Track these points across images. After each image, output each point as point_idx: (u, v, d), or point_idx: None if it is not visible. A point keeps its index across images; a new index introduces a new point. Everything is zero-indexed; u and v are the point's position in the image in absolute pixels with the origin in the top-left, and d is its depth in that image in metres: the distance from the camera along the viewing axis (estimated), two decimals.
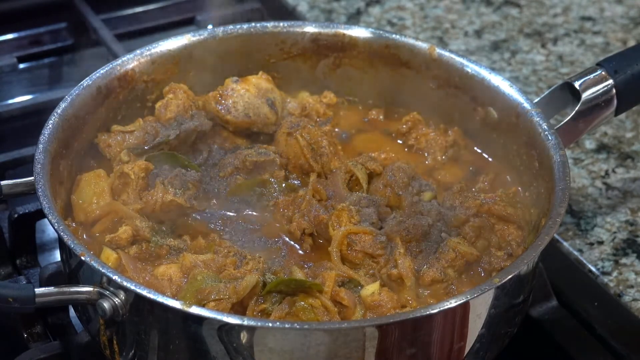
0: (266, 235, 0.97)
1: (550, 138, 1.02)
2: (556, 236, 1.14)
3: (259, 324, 0.87)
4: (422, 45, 1.12)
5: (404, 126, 1.09)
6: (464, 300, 0.89)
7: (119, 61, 1.09)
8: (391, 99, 1.11)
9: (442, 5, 1.47)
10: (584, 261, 1.12)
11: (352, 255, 0.95)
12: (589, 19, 1.46)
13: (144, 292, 0.88)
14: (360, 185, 1.02)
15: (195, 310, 0.86)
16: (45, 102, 1.21)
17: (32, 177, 0.97)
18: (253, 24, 1.14)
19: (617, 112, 1.09)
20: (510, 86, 1.08)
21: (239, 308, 0.91)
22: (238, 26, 1.14)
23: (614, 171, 1.21)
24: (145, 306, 0.90)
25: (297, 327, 0.87)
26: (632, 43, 1.41)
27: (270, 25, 1.14)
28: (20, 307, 0.90)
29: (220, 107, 1.07)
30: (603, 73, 1.08)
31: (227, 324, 0.87)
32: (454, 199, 1.00)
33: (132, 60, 1.10)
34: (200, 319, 0.87)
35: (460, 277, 0.96)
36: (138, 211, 0.98)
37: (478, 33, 1.42)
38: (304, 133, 1.05)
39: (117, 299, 0.90)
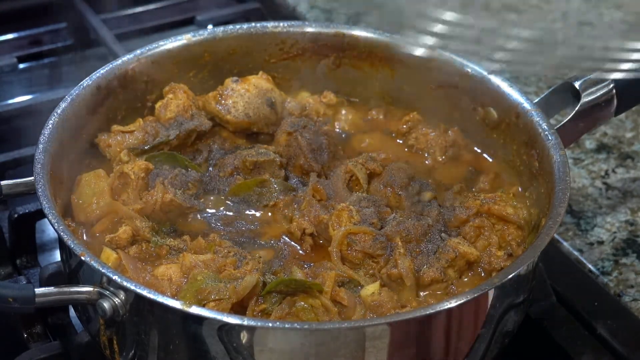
0: (266, 235, 0.97)
1: (550, 138, 1.02)
2: (556, 236, 1.13)
3: (259, 324, 0.87)
4: None
5: (404, 126, 1.09)
6: (464, 300, 0.89)
7: (119, 61, 1.09)
8: (391, 99, 1.11)
9: None
10: (584, 261, 1.12)
11: (352, 255, 0.95)
12: (588, 23, 1.46)
13: (144, 292, 0.88)
14: (360, 185, 1.02)
15: (195, 310, 0.86)
16: (45, 102, 1.21)
17: (32, 177, 0.97)
18: (253, 24, 1.14)
19: (617, 112, 1.09)
20: (510, 86, 1.08)
21: (239, 308, 0.91)
22: (238, 26, 1.14)
23: (614, 171, 1.21)
24: (145, 306, 0.90)
25: (297, 327, 0.87)
26: None
27: (270, 25, 1.14)
28: (20, 307, 0.90)
29: (220, 107, 1.07)
30: None
31: (227, 324, 0.87)
32: (454, 199, 1.00)
33: (132, 60, 1.10)
34: (200, 319, 0.87)
35: (461, 277, 0.96)
36: (138, 211, 0.98)
37: None
38: (304, 133, 1.04)
39: (117, 299, 0.90)
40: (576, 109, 1.07)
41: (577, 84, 1.07)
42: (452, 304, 0.88)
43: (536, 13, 1.47)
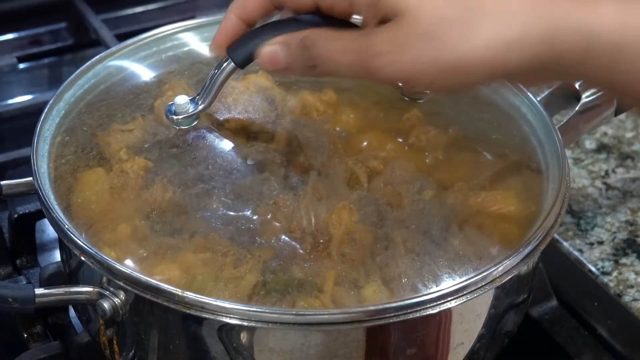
0: (266, 234, 0.96)
1: (551, 137, 1.02)
2: (556, 236, 1.14)
3: (259, 324, 0.87)
4: None
5: (405, 124, 1.08)
6: (464, 300, 0.89)
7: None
8: (392, 97, 1.10)
9: None
10: (584, 261, 1.12)
11: (353, 254, 0.95)
12: None
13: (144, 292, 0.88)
14: (360, 183, 1.01)
15: (195, 310, 0.86)
16: (45, 102, 1.21)
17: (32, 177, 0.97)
18: None
19: (617, 112, 1.10)
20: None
21: None
22: None
23: (614, 171, 1.21)
24: (145, 306, 0.90)
25: (298, 327, 0.87)
26: None
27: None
28: (20, 307, 0.90)
29: (219, 105, 1.07)
30: None
31: (227, 324, 0.87)
32: (455, 198, 1.00)
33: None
34: (200, 319, 0.87)
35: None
36: (137, 210, 0.98)
37: None
38: (304, 131, 1.04)
39: (117, 299, 0.90)
40: (576, 109, 1.07)
41: (577, 84, 1.08)
42: (452, 303, 0.88)
43: None
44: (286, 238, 0.99)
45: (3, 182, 1.00)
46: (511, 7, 0.81)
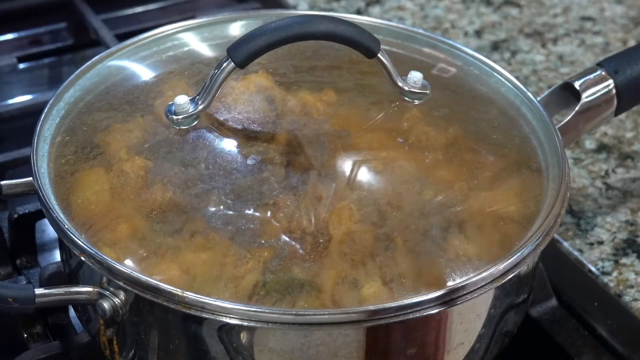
0: (266, 234, 0.96)
1: (551, 137, 1.02)
2: (556, 236, 1.14)
3: (259, 324, 0.87)
4: None
5: (405, 124, 1.08)
6: (464, 300, 0.89)
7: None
8: (392, 97, 1.10)
9: (442, 5, 1.47)
10: (584, 261, 1.12)
11: (353, 254, 0.95)
12: (589, 19, 1.46)
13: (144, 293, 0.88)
14: (360, 183, 1.01)
15: (195, 310, 0.86)
16: (45, 102, 1.21)
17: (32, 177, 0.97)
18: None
19: (617, 112, 1.10)
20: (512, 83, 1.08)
21: None
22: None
23: (614, 171, 1.21)
24: (145, 306, 0.90)
25: (298, 326, 0.87)
26: (632, 43, 1.41)
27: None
28: (20, 308, 0.90)
29: (219, 105, 1.07)
30: (603, 73, 1.08)
31: (227, 324, 0.87)
32: (455, 198, 1.00)
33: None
34: (200, 319, 0.87)
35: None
36: (137, 210, 0.98)
37: (478, 33, 1.42)
38: (304, 131, 1.04)
39: (117, 299, 0.90)
40: (576, 109, 1.07)
41: (577, 84, 1.08)
42: (452, 303, 0.88)
43: (537, 7, 1.48)
44: (286, 238, 0.99)
45: (3, 182, 1.00)
46: None
